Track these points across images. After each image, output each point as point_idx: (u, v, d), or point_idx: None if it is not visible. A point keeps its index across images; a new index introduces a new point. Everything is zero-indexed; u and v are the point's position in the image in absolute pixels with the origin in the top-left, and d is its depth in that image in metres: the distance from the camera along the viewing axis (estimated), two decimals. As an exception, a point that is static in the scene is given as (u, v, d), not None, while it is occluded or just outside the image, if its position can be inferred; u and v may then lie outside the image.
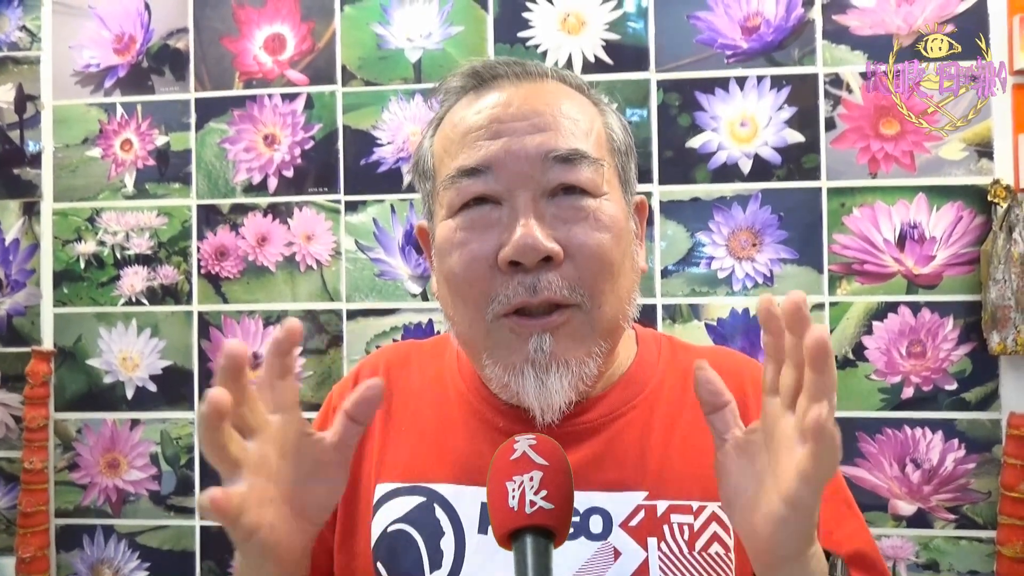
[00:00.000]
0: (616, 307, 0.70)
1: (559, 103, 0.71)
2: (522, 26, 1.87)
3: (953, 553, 1.74)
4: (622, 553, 0.68)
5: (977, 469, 1.73)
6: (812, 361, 0.48)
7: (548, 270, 0.66)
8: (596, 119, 0.73)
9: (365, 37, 1.91)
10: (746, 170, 1.81)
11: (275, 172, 1.93)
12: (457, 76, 0.77)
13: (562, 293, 0.66)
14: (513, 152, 0.67)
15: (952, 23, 1.76)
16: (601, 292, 0.68)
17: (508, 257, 0.65)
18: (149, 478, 1.94)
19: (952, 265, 1.75)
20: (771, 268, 1.80)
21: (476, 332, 0.70)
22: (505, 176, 0.67)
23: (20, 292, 1.98)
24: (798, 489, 0.49)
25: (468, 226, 0.69)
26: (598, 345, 0.68)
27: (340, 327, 1.90)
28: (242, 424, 0.54)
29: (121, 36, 1.98)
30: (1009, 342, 1.67)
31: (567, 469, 0.57)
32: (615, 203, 0.71)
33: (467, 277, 0.68)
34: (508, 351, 0.68)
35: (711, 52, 1.83)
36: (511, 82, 0.73)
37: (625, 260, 0.71)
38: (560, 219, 0.67)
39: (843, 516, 0.74)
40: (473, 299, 0.68)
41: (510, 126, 0.68)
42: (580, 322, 0.67)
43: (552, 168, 0.67)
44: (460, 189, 0.69)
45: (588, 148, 0.69)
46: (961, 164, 1.76)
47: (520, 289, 0.66)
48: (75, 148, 1.98)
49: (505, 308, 0.67)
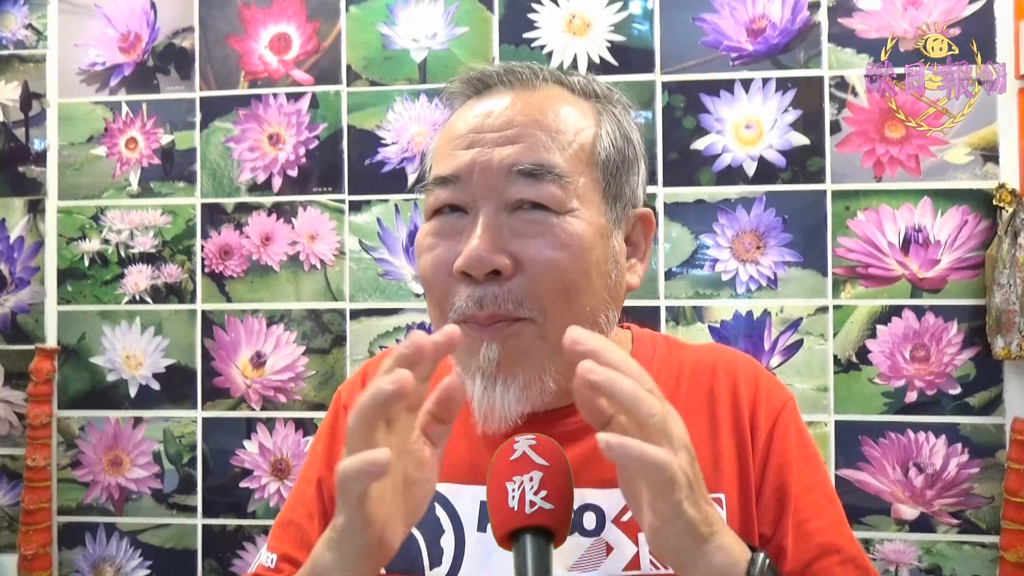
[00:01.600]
0: (575, 322, 0.67)
1: (542, 113, 0.70)
2: (527, 27, 1.87)
3: (956, 558, 1.73)
4: (614, 548, 0.69)
5: (980, 474, 1.73)
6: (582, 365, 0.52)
7: (496, 283, 0.66)
8: (586, 129, 0.72)
9: (370, 37, 1.91)
10: (751, 173, 1.81)
11: (279, 171, 1.93)
12: (456, 83, 0.77)
13: (507, 307, 0.66)
14: (480, 164, 0.68)
15: (958, 27, 1.75)
16: (554, 308, 0.67)
17: (459, 267, 0.67)
18: (152, 476, 1.94)
19: (957, 269, 1.75)
20: (775, 271, 1.80)
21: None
22: (471, 187, 0.69)
23: (24, 290, 1.98)
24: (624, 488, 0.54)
25: (437, 232, 0.71)
26: (552, 361, 0.68)
27: (344, 327, 1.90)
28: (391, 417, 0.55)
29: (127, 35, 1.98)
30: (1013, 347, 1.66)
31: (567, 470, 0.57)
32: (584, 220, 0.69)
33: (432, 280, 0.70)
34: (466, 355, 0.69)
35: (716, 54, 1.83)
36: (502, 90, 0.73)
37: (588, 279, 0.69)
38: (517, 233, 0.67)
39: (820, 508, 0.74)
40: (437, 301, 0.71)
41: (484, 136, 0.69)
42: (531, 335, 0.67)
43: (515, 182, 0.68)
44: (434, 195, 0.71)
45: (559, 161, 0.68)
46: (966, 168, 1.75)
47: (469, 302, 0.67)
48: (80, 146, 1.99)
49: (459, 316, 0.68)
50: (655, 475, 0.50)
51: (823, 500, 0.75)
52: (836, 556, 0.72)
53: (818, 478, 0.76)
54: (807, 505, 0.73)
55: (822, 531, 0.73)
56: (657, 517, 0.52)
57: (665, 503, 0.51)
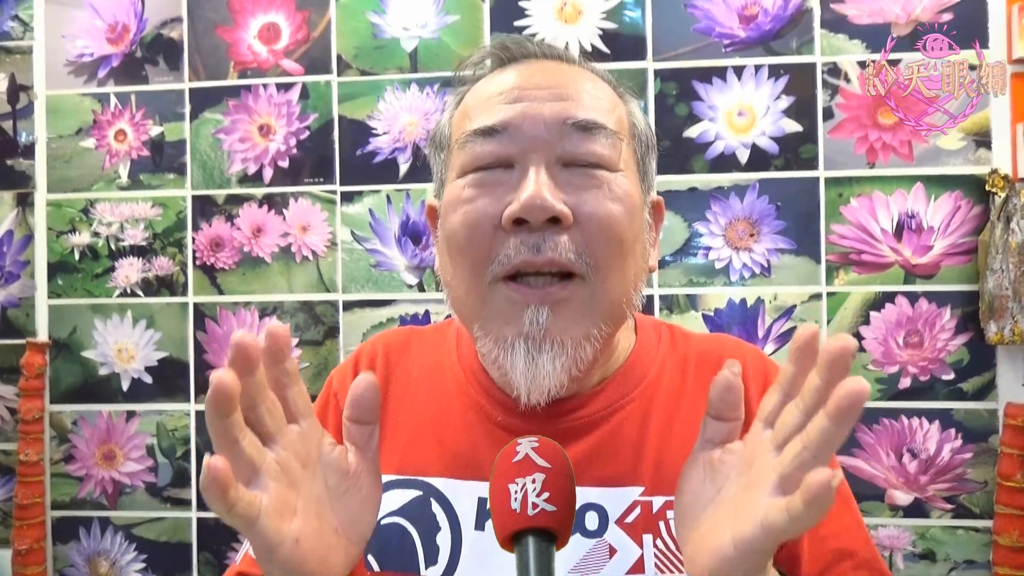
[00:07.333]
0: (622, 287, 0.67)
1: (584, 80, 0.69)
2: (519, 15, 1.86)
3: (949, 542, 1.74)
4: (618, 550, 0.67)
5: (974, 459, 1.73)
6: (838, 413, 0.43)
7: (555, 232, 0.63)
8: (619, 104, 0.72)
9: (360, 26, 1.90)
10: (744, 160, 1.80)
11: (270, 162, 1.92)
12: (486, 50, 0.74)
13: (567, 256, 0.62)
14: (531, 116, 0.65)
15: (951, 11, 1.75)
16: (608, 266, 0.64)
17: (514, 214, 0.62)
18: (145, 470, 1.93)
19: (950, 255, 1.75)
20: (768, 258, 1.80)
21: (472, 298, 0.67)
22: (520, 139, 0.65)
23: (14, 284, 1.97)
24: (755, 537, 0.46)
25: (477, 184, 0.66)
26: (598, 327, 0.65)
27: (336, 318, 1.89)
28: (260, 427, 0.49)
29: (115, 25, 1.97)
30: (1006, 332, 1.67)
31: (569, 472, 0.56)
32: (631, 182, 0.68)
33: (469, 235, 0.65)
34: (502, 321, 0.64)
35: (708, 41, 1.82)
36: (540, 59, 0.72)
37: (636, 242, 0.68)
38: (572, 185, 0.64)
39: (836, 512, 0.69)
40: (472, 259, 0.65)
41: (531, 92, 0.66)
42: (582, 298, 0.64)
43: (569, 136, 0.65)
44: (473, 149, 0.66)
45: (608, 121, 0.67)
46: (959, 154, 1.75)
47: (523, 248, 0.62)
48: (69, 139, 1.97)
49: (505, 269, 0.63)
50: (793, 529, 0.45)
51: (837, 502, 0.72)
52: (851, 561, 0.69)
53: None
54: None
55: (836, 535, 0.70)
56: (742, 555, 0.48)
57: (773, 544, 0.47)
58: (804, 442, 0.45)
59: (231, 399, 0.46)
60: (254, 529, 0.47)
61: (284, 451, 0.51)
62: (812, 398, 0.46)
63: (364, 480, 0.55)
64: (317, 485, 0.53)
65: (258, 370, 0.48)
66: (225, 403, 0.45)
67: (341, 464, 0.54)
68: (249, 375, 0.47)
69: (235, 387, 0.46)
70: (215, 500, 0.45)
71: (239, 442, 0.47)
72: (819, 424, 0.44)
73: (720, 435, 0.54)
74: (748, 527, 0.47)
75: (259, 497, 0.48)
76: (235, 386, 0.46)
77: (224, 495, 0.45)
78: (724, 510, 0.50)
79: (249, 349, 0.47)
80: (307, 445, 0.52)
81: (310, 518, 0.51)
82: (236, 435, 0.47)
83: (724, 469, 0.52)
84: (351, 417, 0.54)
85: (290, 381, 0.52)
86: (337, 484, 0.54)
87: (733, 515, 0.49)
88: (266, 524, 0.48)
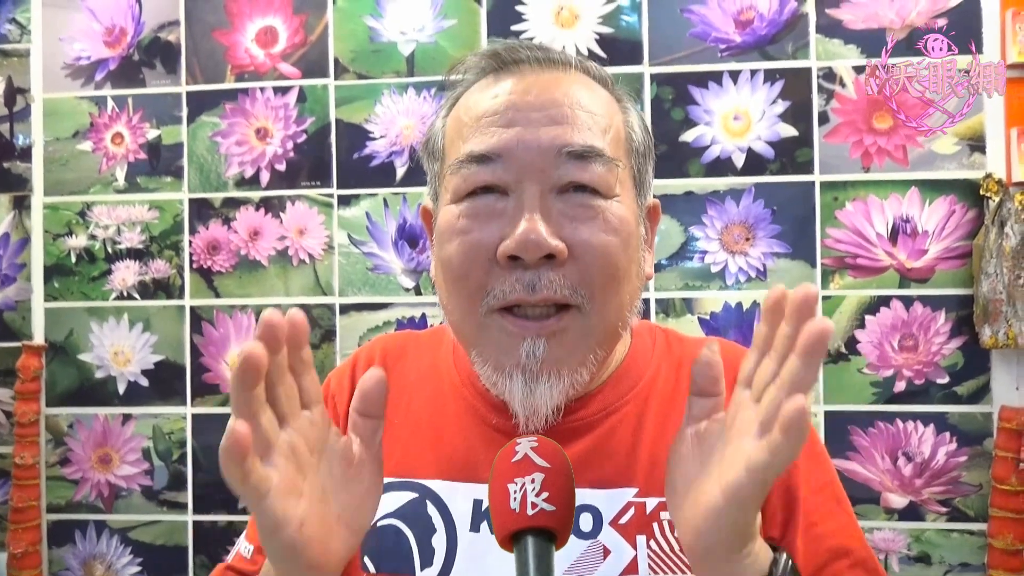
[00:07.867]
0: (617, 313, 0.67)
1: (579, 95, 0.68)
2: (515, 19, 1.86)
3: (944, 545, 1.74)
4: (611, 551, 0.68)
5: (968, 462, 1.74)
6: (806, 348, 0.46)
7: (549, 268, 0.63)
8: (616, 116, 0.71)
9: (358, 30, 1.90)
10: (739, 164, 1.81)
11: (267, 166, 1.92)
12: (477, 56, 0.73)
13: (563, 293, 0.63)
14: (526, 142, 0.64)
15: (945, 17, 1.76)
16: (603, 296, 0.65)
17: (509, 251, 0.62)
18: (141, 473, 1.93)
19: (944, 259, 1.76)
20: (764, 262, 1.80)
21: (468, 326, 0.68)
22: (515, 166, 0.64)
23: (10, 287, 1.97)
24: (740, 480, 0.48)
25: (471, 214, 0.66)
26: (594, 352, 0.66)
27: (333, 321, 1.90)
28: (276, 407, 0.50)
29: (112, 29, 1.97)
30: (1001, 336, 1.67)
31: (568, 471, 0.57)
32: (626, 206, 0.68)
33: (464, 267, 0.65)
34: (499, 351, 0.65)
35: (704, 46, 1.83)
36: (532, 68, 0.70)
37: (631, 266, 0.68)
38: (567, 216, 0.64)
39: (831, 511, 0.72)
40: (468, 291, 0.66)
41: (525, 115, 0.65)
42: (578, 328, 0.65)
43: (564, 164, 0.64)
44: (467, 175, 0.66)
45: (604, 146, 0.67)
46: (953, 158, 1.76)
47: (518, 286, 0.63)
48: (65, 141, 1.97)
49: (500, 303, 0.64)
50: (776, 464, 0.46)
51: (832, 502, 0.73)
52: (846, 560, 0.69)
53: (827, 478, 0.74)
54: (816, 507, 0.71)
55: (832, 534, 0.70)
56: (730, 502, 0.49)
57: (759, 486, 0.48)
58: (778, 385, 0.47)
59: (259, 371, 0.47)
60: (262, 505, 0.48)
61: (295, 434, 0.51)
62: (783, 346, 0.48)
63: (366, 472, 0.55)
64: (323, 472, 0.53)
65: (282, 350, 0.49)
66: (253, 374, 0.46)
67: (346, 454, 0.55)
68: (274, 353, 0.48)
69: (264, 360, 0.46)
70: (233, 465, 0.45)
71: (258, 416, 0.48)
72: (790, 365, 0.47)
73: (704, 411, 0.55)
74: (734, 473, 0.48)
75: (271, 473, 0.49)
76: (264, 359, 0.46)
77: (243, 461, 0.45)
78: (712, 470, 0.52)
79: (277, 328, 0.48)
80: (316, 432, 0.53)
81: (315, 503, 0.52)
82: (256, 409, 0.48)
83: (711, 438, 0.53)
84: (359, 410, 0.55)
85: (305, 368, 0.53)
86: (341, 473, 0.54)
87: (719, 469, 0.50)
88: (275, 502, 0.48)
